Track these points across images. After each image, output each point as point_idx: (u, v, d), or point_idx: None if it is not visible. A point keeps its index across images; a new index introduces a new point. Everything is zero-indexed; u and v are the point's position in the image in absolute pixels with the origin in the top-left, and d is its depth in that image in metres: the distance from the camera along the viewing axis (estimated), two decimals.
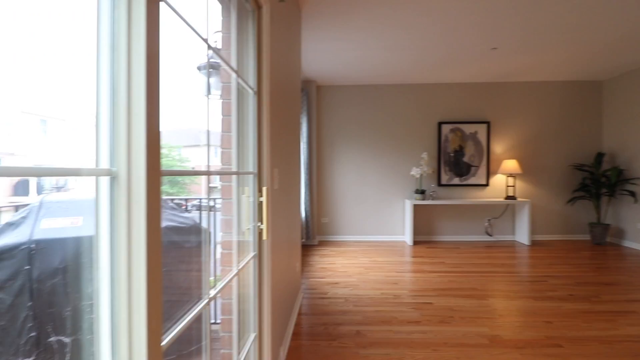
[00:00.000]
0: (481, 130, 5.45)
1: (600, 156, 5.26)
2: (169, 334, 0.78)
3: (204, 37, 0.98)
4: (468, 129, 5.46)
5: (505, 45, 3.95)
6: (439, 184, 5.50)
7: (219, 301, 1.67)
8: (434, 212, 5.59)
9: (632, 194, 4.89)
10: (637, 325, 2.54)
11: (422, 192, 5.23)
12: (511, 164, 5.20)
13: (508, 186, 5.34)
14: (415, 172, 5.22)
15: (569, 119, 5.54)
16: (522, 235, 5.26)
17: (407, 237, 5.34)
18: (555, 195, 5.54)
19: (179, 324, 0.82)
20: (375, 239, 5.64)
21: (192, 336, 1.59)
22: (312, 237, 5.36)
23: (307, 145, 5.32)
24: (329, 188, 5.69)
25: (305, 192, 5.26)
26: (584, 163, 5.48)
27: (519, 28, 3.48)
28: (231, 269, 1.40)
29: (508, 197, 5.20)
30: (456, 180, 5.47)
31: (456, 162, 5.48)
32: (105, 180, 0.64)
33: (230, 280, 1.30)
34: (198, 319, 0.97)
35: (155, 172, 0.66)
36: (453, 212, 5.57)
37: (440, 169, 5.48)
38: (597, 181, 5.18)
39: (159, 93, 0.67)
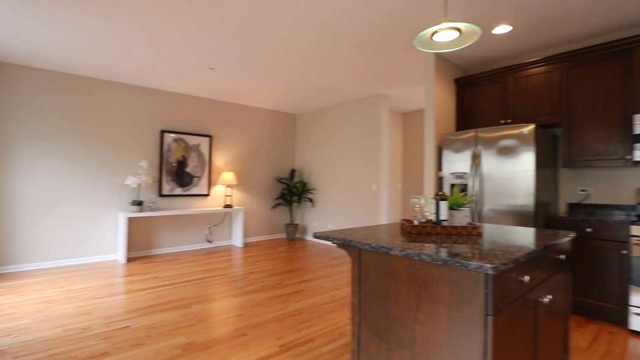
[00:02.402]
0: (204, 142, 5.69)
1: (293, 172, 6.79)
2: None
3: None
4: (192, 140, 5.54)
5: (222, 68, 4.31)
6: (160, 195, 5.21)
7: None
8: (154, 224, 5.23)
9: (311, 200, 6.61)
10: (302, 300, 3.33)
11: (140, 203, 4.76)
12: (229, 176, 5.73)
13: (226, 195, 5.84)
14: (131, 181, 4.68)
15: (275, 141, 6.80)
16: (237, 238, 5.88)
17: (120, 255, 4.67)
18: (263, 202, 6.61)
19: None
20: (76, 262, 4.56)
21: None
22: None
23: None
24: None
25: None
26: (283, 176, 6.91)
27: (232, 56, 3.87)
28: None
29: (226, 206, 5.67)
30: (179, 191, 5.39)
31: (179, 172, 5.41)
32: None
33: None
34: None
35: None
36: (175, 222, 5.44)
37: (162, 179, 5.22)
38: (290, 191, 6.63)
39: None
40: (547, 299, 1.51)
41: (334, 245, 6.22)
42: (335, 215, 6.21)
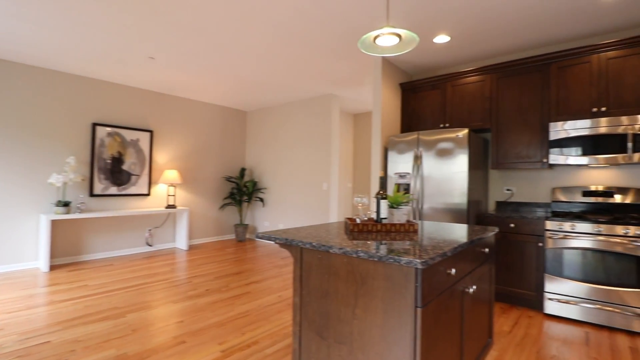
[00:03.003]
0: (144, 138, 5.32)
1: (243, 170, 6.62)
2: None
3: None
4: (129, 135, 5.15)
5: (164, 59, 4.06)
6: (92, 194, 4.77)
7: None
8: (84, 227, 4.77)
9: (262, 200, 6.50)
10: (248, 303, 3.25)
11: (66, 204, 4.31)
12: (173, 174, 5.42)
13: (169, 195, 5.52)
14: (55, 179, 4.21)
15: (224, 138, 6.58)
16: (181, 241, 5.59)
17: (42, 262, 4.19)
18: (210, 202, 6.36)
19: None
20: None
21: None
22: None
23: None
24: None
25: None
26: (232, 175, 6.71)
27: (174, 46, 3.66)
28: None
29: (169, 206, 5.36)
30: (114, 190, 4.97)
31: (114, 170, 4.99)
32: None
33: None
34: None
35: None
36: (109, 225, 5.01)
37: (94, 177, 4.78)
38: (240, 190, 6.46)
39: None
40: (472, 289, 1.63)
41: None
42: (287, 214, 6.18)
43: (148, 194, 5.36)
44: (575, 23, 3.02)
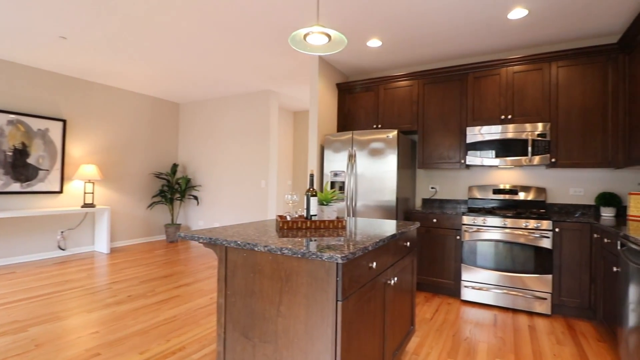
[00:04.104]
0: (55, 128, 4.71)
1: (175, 166, 6.22)
2: None
3: None
4: (37, 124, 4.52)
5: (77, 39, 3.62)
6: None
7: None
8: None
9: (196, 198, 6.17)
10: (176, 307, 3.06)
11: None
12: (91, 170, 4.89)
13: (86, 193, 4.97)
14: None
15: (154, 132, 6.10)
16: (102, 243, 5.07)
17: None
18: (137, 201, 5.87)
19: None
20: None
21: None
22: None
23: None
24: None
25: None
26: (163, 172, 6.27)
27: (90, 26, 3.28)
28: None
29: (86, 205, 4.82)
30: (16, 187, 4.33)
31: (17, 163, 4.34)
32: None
33: None
34: None
35: None
36: (10, 227, 4.35)
37: None
38: (172, 188, 6.06)
39: None
40: (393, 281, 1.73)
41: None
42: (223, 213, 5.96)
43: (60, 192, 4.76)
44: (489, 38, 3.36)
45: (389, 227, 2.01)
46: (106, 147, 5.37)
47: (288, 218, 1.95)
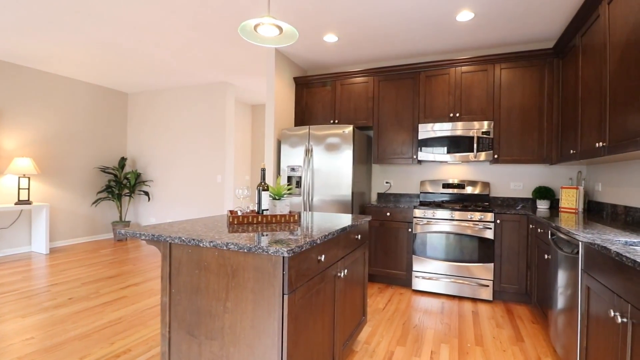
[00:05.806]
0: None
1: (123, 160, 5.85)
2: None
3: None
4: None
5: (4, 17, 3.26)
6: None
7: None
8: None
9: (147, 194, 5.85)
10: (122, 308, 2.89)
11: None
12: (25, 163, 4.45)
13: (21, 189, 4.52)
14: None
15: (97, 122, 5.68)
16: (40, 243, 4.66)
17: None
18: (80, 197, 5.45)
19: None
20: None
21: None
22: None
23: None
24: None
25: None
26: (109, 166, 5.87)
27: (16, 2, 2.96)
28: None
29: (21, 202, 4.39)
30: None
31: None
32: None
33: None
34: None
35: None
36: None
37: None
38: (119, 183, 5.70)
39: None
40: (343, 273, 1.76)
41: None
42: (176, 209, 5.71)
43: None
44: (440, 38, 3.51)
45: (343, 220, 2.04)
46: (44, 139, 4.91)
47: (239, 213, 1.91)
